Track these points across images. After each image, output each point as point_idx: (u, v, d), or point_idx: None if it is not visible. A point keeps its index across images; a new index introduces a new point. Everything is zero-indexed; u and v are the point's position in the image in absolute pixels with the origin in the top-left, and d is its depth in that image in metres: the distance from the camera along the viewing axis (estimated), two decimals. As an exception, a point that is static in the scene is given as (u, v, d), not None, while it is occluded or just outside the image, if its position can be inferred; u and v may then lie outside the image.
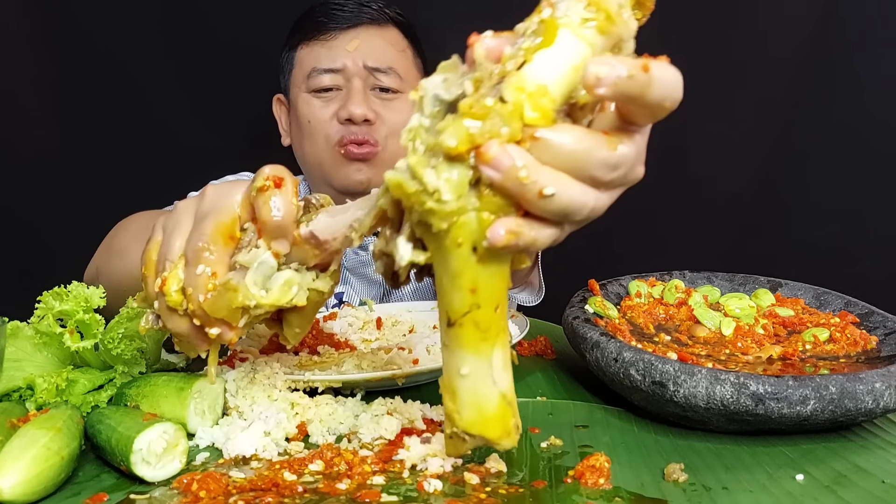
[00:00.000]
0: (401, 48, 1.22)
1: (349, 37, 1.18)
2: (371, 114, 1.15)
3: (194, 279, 0.52)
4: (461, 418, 0.46)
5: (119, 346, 0.65)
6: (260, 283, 0.52)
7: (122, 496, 0.51)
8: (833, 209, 1.45)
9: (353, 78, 1.16)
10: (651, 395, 0.61)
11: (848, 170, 1.44)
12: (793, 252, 1.46)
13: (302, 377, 0.65)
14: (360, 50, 1.17)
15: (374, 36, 1.19)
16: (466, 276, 0.41)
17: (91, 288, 0.66)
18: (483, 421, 0.46)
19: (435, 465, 0.54)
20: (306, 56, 1.20)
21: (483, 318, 0.43)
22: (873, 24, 1.40)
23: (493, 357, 0.44)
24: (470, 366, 0.44)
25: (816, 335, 0.70)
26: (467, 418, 0.46)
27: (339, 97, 1.17)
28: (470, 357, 0.44)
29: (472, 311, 0.42)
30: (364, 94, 1.16)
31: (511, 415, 0.46)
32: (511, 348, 0.46)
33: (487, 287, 0.42)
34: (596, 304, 0.75)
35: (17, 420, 0.57)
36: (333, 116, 1.17)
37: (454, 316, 0.43)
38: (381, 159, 1.18)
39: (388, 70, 1.18)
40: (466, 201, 0.39)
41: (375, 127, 1.16)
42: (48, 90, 1.43)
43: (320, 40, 1.19)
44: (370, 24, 1.20)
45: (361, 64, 1.17)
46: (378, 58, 1.18)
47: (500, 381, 0.45)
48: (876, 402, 0.57)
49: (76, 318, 0.64)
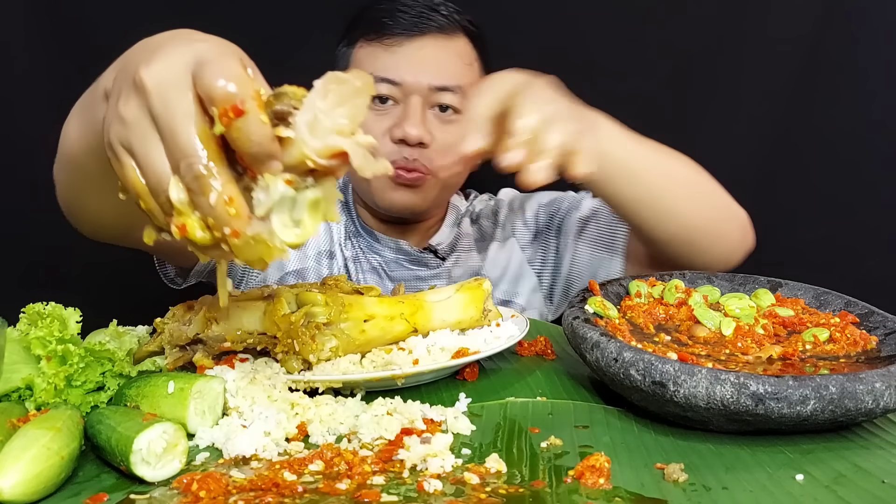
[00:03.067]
0: (468, 61, 1.12)
1: (414, 47, 1.07)
2: (427, 136, 1.06)
3: (211, 211, 0.46)
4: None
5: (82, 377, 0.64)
6: (289, 222, 0.48)
7: (121, 496, 0.51)
8: (833, 209, 1.45)
9: (411, 95, 1.06)
10: (651, 395, 0.61)
11: (848, 170, 1.43)
12: (793, 252, 1.46)
13: (302, 377, 0.65)
14: (425, 65, 1.07)
15: (440, 49, 1.09)
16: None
17: (69, 310, 0.66)
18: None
19: (435, 465, 0.54)
20: (365, 57, 1.10)
21: None
22: (876, 23, 1.39)
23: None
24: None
25: (816, 335, 0.70)
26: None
27: (394, 112, 1.08)
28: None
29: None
30: (422, 114, 1.07)
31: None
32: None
33: None
34: (596, 304, 0.75)
35: (17, 420, 0.57)
36: (386, 133, 1.07)
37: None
38: (429, 185, 1.11)
39: (456, 88, 1.08)
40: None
41: (429, 151, 1.08)
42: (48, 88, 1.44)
43: (383, 44, 1.08)
44: (437, 34, 1.09)
45: (426, 82, 1.06)
46: (444, 75, 1.07)
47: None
48: (876, 402, 0.57)
49: (49, 348, 0.63)
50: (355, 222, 1.22)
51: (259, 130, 0.46)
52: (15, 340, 0.66)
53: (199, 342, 0.70)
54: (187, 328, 0.70)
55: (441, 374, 0.72)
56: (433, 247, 1.21)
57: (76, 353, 0.63)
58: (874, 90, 1.41)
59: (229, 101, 0.45)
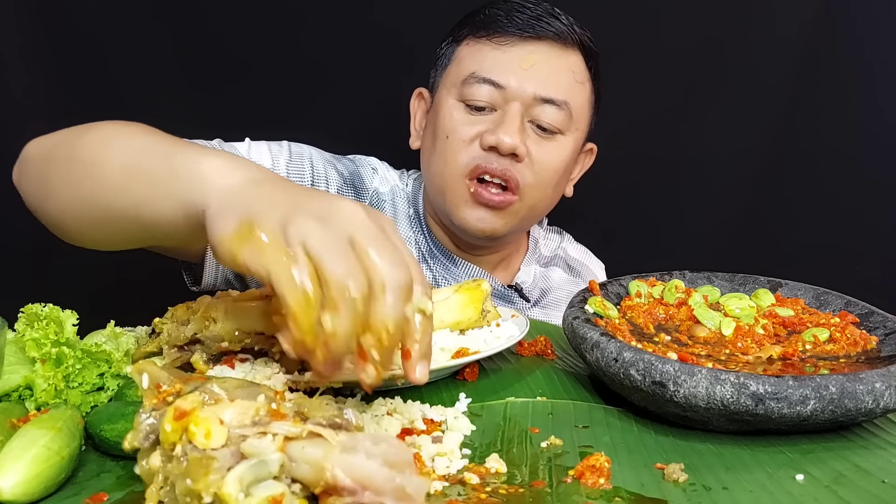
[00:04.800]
0: (581, 79, 1.02)
1: (527, 50, 0.98)
2: (522, 147, 0.96)
3: (396, 318, 0.48)
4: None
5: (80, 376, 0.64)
6: (244, 484, 0.41)
7: (122, 496, 0.51)
8: (833, 209, 1.45)
9: (512, 102, 0.97)
10: (651, 395, 0.61)
11: (848, 170, 1.43)
12: (793, 252, 1.46)
13: (302, 378, 0.65)
14: (535, 72, 0.98)
15: (554, 58, 1.00)
16: None
17: (66, 312, 0.66)
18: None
19: (441, 465, 0.54)
20: (469, 55, 1.02)
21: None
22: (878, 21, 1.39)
23: None
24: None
25: (816, 335, 0.70)
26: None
27: (490, 120, 0.98)
28: None
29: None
30: (521, 123, 0.97)
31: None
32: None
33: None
34: (596, 304, 0.75)
35: (17, 420, 0.57)
36: (477, 138, 0.98)
37: None
38: (513, 210, 1.00)
39: (563, 104, 0.99)
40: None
41: (521, 166, 0.98)
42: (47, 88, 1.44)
43: (493, 41, 1.00)
44: (554, 42, 1.00)
45: (531, 91, 0.97)
46: (554, 87, 0.98)
47: None
48: (876, 402, 0.57)
49: (44, 350, 0.63)
50: (427, 238, 1.11)
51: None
52: (12, 341, 0.66)
53: (198, 342, 0.70)
54: (185, 328, 0.70)
55: (441, 374, 0.72)
56: (518, 285, 1.13)
57: (71, 355, 0.63)
58: (875, 90, 1.41)
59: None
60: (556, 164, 1.02)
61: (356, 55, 1.38)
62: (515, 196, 0.99)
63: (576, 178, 1.16)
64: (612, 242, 1.44)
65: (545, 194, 1.04)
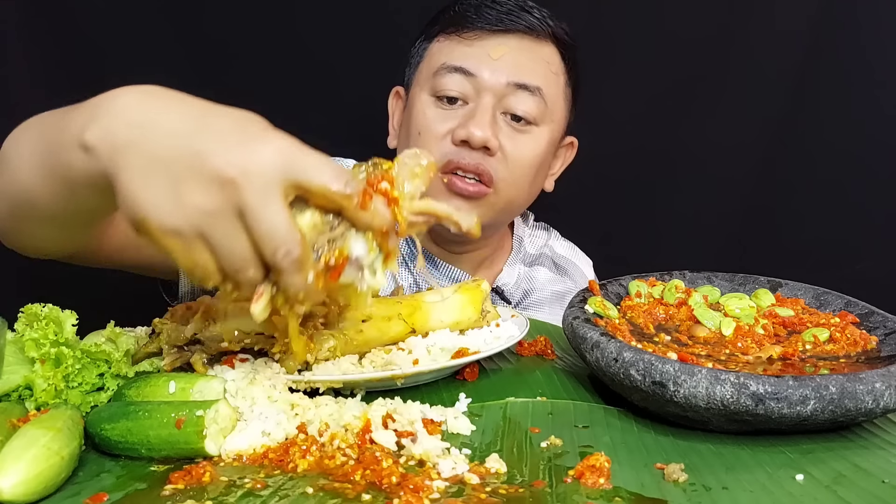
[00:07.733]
0: (556, 70, 1.02)
1: (496, 42, 0.98)
2: (493, 141, 0.95)
3: (307, 288, 0.52)
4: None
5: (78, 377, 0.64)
6: (374, 272, 0.56)
7: (121, 495, 0.51)
8: (833, 209, 1.45)
9: (484, 93, 0.97)
10: (651, 395, 0.61)
11: (848, 169, 1.43)
12: (793, 252, 1.46)
13: (302, 377, 0.65)
14: (506, 61, 0.97)
15: (526, 49, 1.00)
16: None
17: (66, 312, 0.66)
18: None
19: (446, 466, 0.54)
20: (439, 50, 1.02)
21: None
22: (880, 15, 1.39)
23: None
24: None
25: (816, 335, 0.70)
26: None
27: (461, 114, 0.98)
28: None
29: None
30: (492, 115, 0.96)
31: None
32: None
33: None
34: (596, 304, 0.75)
35: (17, 420, 0.57)
36: (448, 134, 0.98)
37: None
38: (488, 202, 0.99)
39: (535, 90, 0.98)
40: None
41: (493, 160, 0.97)
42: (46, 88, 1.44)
43: (461, 37, 0.99)
44: (525, 35, 0.99)
45: (504, 80, 0.97)
46: (527, 73, 0.97)
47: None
48: (876, 402, 0.57)
49: (43, 350, 0.63)
50: (407, 241, 1.09)
51: (385, 211, 0.54)
52: (12, 341, 0.66)
53: (198, 342, 0.70)
54: (185, 328, 0.70)
55: (441, 374, 0.72)
56: (500, 288, 1.11)
57: (70, 355, 0.63)
58: (877, 88, 1.40)
59: (356, 194, 0.52)
60: (531, 158, 1.01)
61: (334, 55, 1.37)
62: (489, 189, 0.98)
63: (557, 172, 1.14)
64: (611, 243, 1.44)
65: (521, 189, 1.03)
